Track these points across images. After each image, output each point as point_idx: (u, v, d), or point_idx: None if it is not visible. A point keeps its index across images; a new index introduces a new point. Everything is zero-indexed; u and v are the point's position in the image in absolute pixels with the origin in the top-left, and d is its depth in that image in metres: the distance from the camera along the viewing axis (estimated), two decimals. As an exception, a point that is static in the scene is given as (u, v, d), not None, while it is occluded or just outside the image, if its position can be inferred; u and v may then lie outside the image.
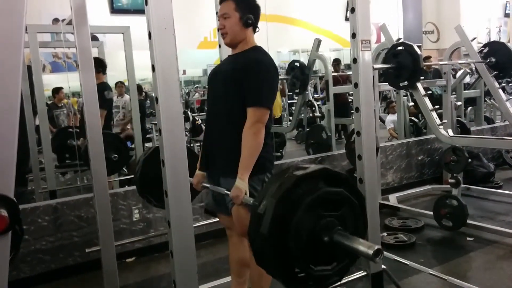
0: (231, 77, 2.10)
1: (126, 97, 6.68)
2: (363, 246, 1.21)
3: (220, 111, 2.18)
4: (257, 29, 2.21)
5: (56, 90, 6.48)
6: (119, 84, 6.49)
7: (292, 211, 1.24)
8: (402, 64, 3.63)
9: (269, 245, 1.26)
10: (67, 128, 5.32)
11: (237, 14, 2.09)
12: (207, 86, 2.55)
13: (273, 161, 2.27)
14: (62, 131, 5.31)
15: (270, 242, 1.25)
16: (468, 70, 6.35)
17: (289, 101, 9.45)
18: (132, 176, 4.89)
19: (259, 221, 1.28)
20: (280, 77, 6.20)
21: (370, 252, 1.18)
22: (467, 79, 6.92)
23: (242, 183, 1.98)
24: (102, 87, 4.07)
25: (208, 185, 2.22)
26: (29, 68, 4.36)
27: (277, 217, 1.25)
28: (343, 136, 7.81)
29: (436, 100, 4.97)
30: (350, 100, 7.07)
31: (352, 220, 1.33)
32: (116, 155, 3.94)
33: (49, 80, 6.30)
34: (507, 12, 14.41)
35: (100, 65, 4.25)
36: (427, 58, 7.22)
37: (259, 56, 2.13)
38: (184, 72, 11.60)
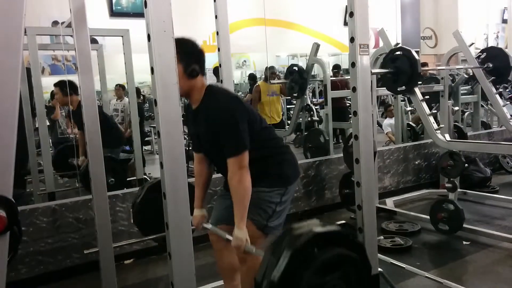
0: (207, 134, 2.12)
1: (125, 100, 6.69)
2: None
3: (218, 158, 2.20)
4: (205, 73, 2.16)
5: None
6: (118, 87, 6.49)
7: (305, 267, 1.24)
8: (400, 69, 3.65)
9: None
10: (67, 147, 5.24)
11: (180, 67, 1.96)
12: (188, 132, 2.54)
13: (291, 174, 2.30)
14: (61, 150, 5.28)
15: None
16: (466, 76, 6.38)
17: (287, 106, 9.48)
18: (130, 178, 4.92)
19: (271, 267, 1.27)
20: (278, 81, 6.25)
21: None
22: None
23: (241, 233, 2.03)
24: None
25: (208, 227, 2.31)
26: (28, 70, 4.37)
27: (290, 268, 1.23)
28: (340, 140, 7.84)
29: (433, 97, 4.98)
30: (348, 104, 7.11)
31: (355, 273, 1.34)
32: (113, 179, 3.94)
33: (48, 83, 6.29)
34: (505, 18, 14.46)
35: (72, 88, 4.23)
36: (424, 64, 7.25)
37: (218, 103, 2.07)
38: (183, 75, 11.61)
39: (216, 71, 6.37)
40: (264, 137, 2.25)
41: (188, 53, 2.04)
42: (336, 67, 7.88)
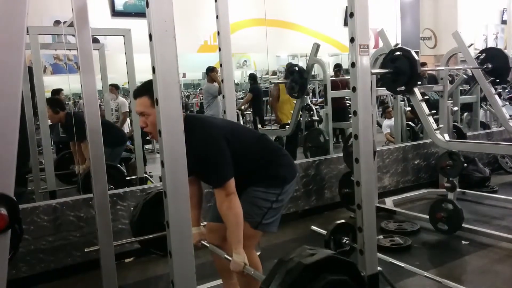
0: (196, 169, 2.10)
1: (119, 99, 6.70)
2: None
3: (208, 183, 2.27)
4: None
5: (56, 92, 6.49)
6: (111, 87, 6.47)
7: None
8: (400, 69, 3.66)
9: None
10: (67, 153, 5.26)
11: (154, 111, 1.78)
12: None
13: (287, 174, 2.32)
14: (62, 157, 5.29)
15: None
16: (465, 76, 6.39)
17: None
18: (131, 177, 4.93)
19: None
20: (278, 81, 6.24)
21: None
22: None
23: (239, 257, 2.08)
24: (78, 118, 3.61)
25: (207, 245, 2.37)
26: (30, 69, 4.39)
27: None
28: (340, 140, 7.85)
29: (432, 105, 5.01)
30: (348, 104, 7.12)
31: None
32: (113, 186, 3.95)
33: (50, 82, 6.32)
34: (504, 19, 14.46)
35: (58, 105, 4.21)
36: (423, 64, 7.27)
37: (195, 139, 2.01)
38: (184, 75, 11.63)
39: (208, 71, 6.41)
40: (256, 149, 2.28)
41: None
42: (338, 66, 7.88)
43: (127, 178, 4.80)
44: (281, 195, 2.27)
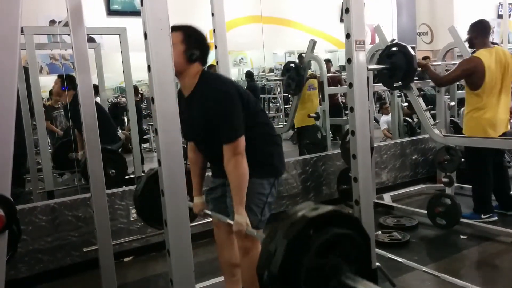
0: (200, 123, 2.12)
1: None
2: None
3: (211, 143, 2.20)
4: (206, 64, 2.18)
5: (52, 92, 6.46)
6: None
7: (302, 252, 1.27)
8: (396, 65, 3.66)
9: (278, 284, 1.29)
10: (66, 142, 5.24)
11: (182, 47, 2.06)
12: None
13: (280, 166, 2.31)
14: (62, 145, 5.26)
15: (279, 281, 1.28)
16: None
17: (285, 106, 9.50)
18: (129, 176, 4.93)
19: (269, 259, 1.30)
20: (275, 78, 6.21)
21: None
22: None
23: (241, 218, 2.07)
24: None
25: (209, 213, 2.33)
26: (26, 69, 4.38)
27: (287, 257, 1.27)
28: (337, 137, 7.84)
29: (430, 100, 5.01)
30: (342, 101, 7.11)
31: (357, 261, 1.36)
32: (114, 171, 3.95)
33: (47, 82, 6.29)
34: (500, 13, 14.48)
35: (70, 81, 4.19)
36: (426, 58, 7.24)
37: (213, 91, 2.08)
38: (181, 73, 11.60)
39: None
40: (260, 120, 2.25)
41: (192, 37, 2.11)
42: (327, 61, 7.70)
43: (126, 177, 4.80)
44: (274, 187, 2.26)
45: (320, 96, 5.41)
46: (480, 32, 3.72)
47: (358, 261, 1.35)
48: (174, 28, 2.05)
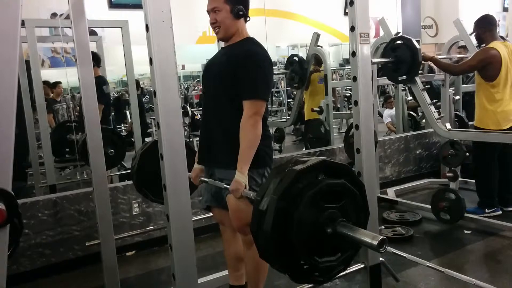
0: (225, 70, 2.10)
1: None
2: (368, 237, 1.21)
3: (217, 104, 2.17)
4: (248, 19, 2.20)
5: (54, 85, 6.44)
6: None
7: (294, 206, 1.25)
8: (401, 58, 3.63)
9: (273, 241, 1.27)
10: (66, 122, 5.29)
11: (227, 7, 2.09)
12: (202, 80, 2.53)
13: (272, 155, 2.27)
14: (61, 126, 5.28)
15: (274, 238, 1.27)
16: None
17: (288, 100, 9.47)
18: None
19: (261, 218, 1.29)
20: (278, 72, 6.17)
21: (375, 242, 1.19)
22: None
23: (241, 177, 1.99)
24: (99, 81, 4.02)
25: (206, 180, 2.22)
26: (27, 62, 4.35)
27: (279, 213, 1.25)
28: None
29: (437, 94, 4.97)
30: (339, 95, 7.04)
31: (354, 211, 1.34)
32: (113, 150, 3.94)
33: (48, 75, 6.28)
34: (505, 6, 14.36)
35: (93, 59, 4.20)
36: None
37: (253, 48, 2.12)
38: (183, 67, 11.56)
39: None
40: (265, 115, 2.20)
41: None
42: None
43: (127, 172, 4.78)
44: (264, 179, 2.16)
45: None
46: (486, 26, 3.69)
47: (356, 210, 1.35)
48: None
